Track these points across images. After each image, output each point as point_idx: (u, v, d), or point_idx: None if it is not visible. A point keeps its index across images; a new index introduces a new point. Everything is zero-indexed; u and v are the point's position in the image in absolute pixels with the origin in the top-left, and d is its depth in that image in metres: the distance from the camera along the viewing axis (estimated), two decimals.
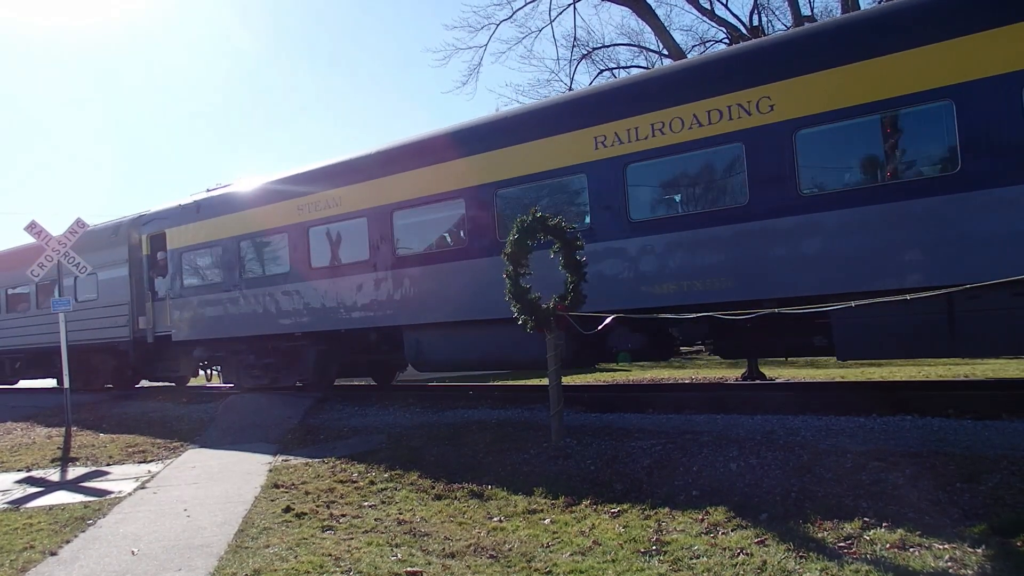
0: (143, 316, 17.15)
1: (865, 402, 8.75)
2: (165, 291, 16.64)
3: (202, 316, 15.63)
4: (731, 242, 8.93)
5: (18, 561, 5.71)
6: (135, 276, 17.31)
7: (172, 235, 16.47)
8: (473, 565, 5.17)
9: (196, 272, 16.03)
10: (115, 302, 17.62)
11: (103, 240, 18.03)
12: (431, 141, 12.47)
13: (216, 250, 15.42)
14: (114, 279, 17.75)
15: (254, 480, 8.15)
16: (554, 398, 8.20)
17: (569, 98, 12.33)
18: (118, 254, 17.66)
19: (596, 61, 29.62)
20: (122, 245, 17.64)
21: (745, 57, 9.57)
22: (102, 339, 18.00)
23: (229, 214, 15.28)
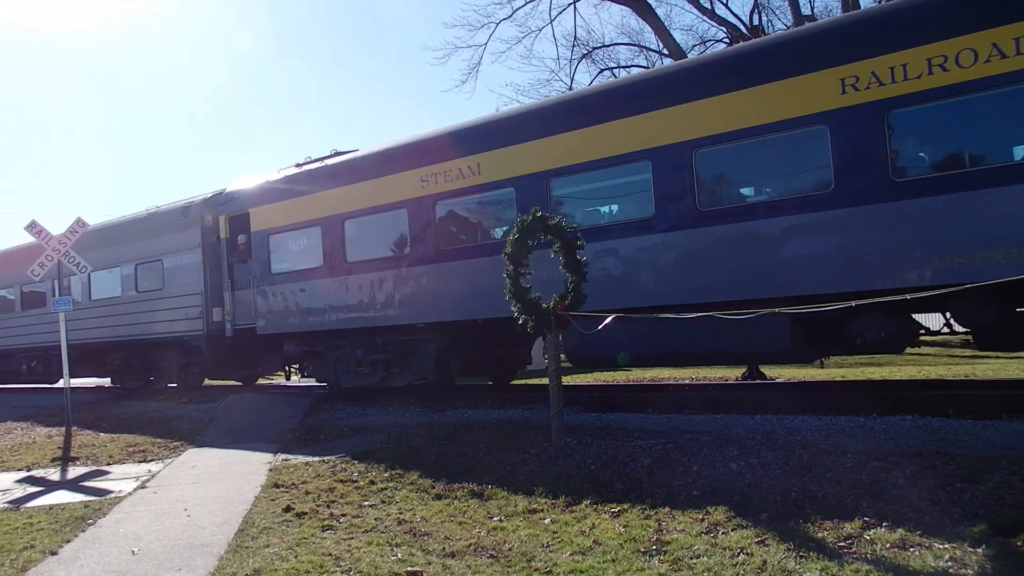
0: (218, 307, 15.49)
1: (865, 402, 8.74)
2: (248, 279, 14.96)
3: (295, 306, 13.87)
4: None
5: (18, 560, 5.71)
6: (209, 262, 15.59)
7: (257, 215, 14.71)
8: (473, 565, 5.17)
9: (288, 256, 14.20)
10: (184, 291, 15.93)
11: (170, 223, 16.47)
12: (607, 94, 10.84)
13: (314, 231, 13.62)
14: (183, 266, 16.06)
15: (254, 480, 8.15)
16: (554, 398, 8.21)
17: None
18: (188, 238, 15.93)
19: (596, 61, 29.65)
20: (193, 228, 15.87)
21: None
22: (168, 333, 16.40)
23: (331, 189, 13.48)
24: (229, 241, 15.49)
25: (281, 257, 14.37)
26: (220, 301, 15.47)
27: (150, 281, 16.95)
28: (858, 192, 8.21)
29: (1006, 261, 7.33)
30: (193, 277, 15.82)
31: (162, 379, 17.62)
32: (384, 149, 13.09)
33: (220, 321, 15.43)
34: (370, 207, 12.79)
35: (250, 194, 15.15)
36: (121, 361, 18.34)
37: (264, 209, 14.70)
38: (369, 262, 12.79)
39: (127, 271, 17.41)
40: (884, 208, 8.07)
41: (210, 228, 15.75)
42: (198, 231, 15.79)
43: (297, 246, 14.08)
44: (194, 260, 15.81)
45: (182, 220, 16.17)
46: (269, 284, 14.44)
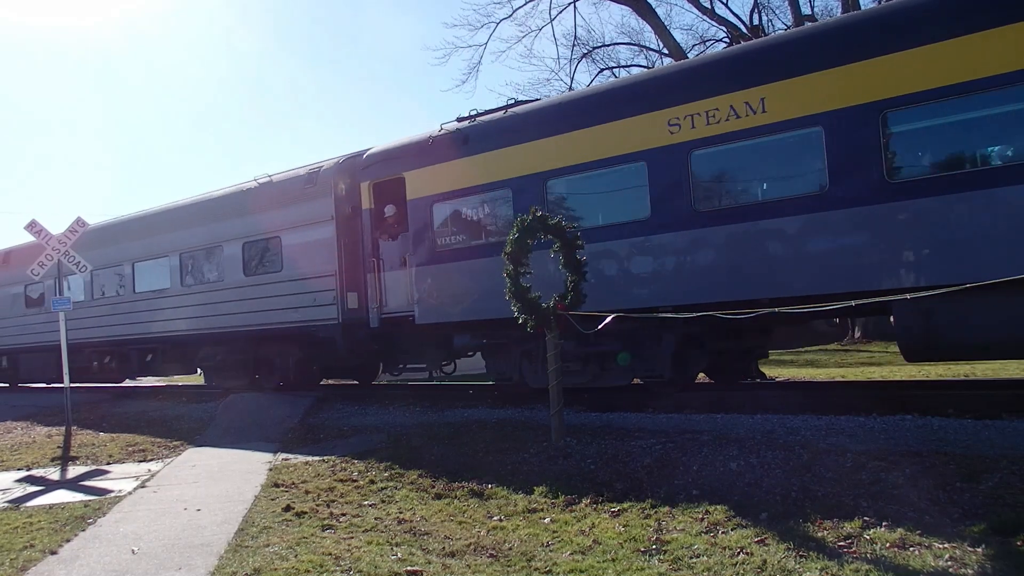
0: (353, 291, 13.05)
1: (865, 402, 8.74)
2: (401, 257, 12.50)
3: (471, 289, 11.38)
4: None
5: (18, 560, 5.71)
6: (344, 238, 13.00)
7: (416, 180, 12.16)
8: (473, 564, 5.17)
9: (461, 228, 11.77)
10: (311, 273, 13.34)
11: (290, 193, 13.93)
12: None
13: (501, 195, 11.10)
14: (309, 243, 13.45)
15: (254, 479, 8.15)
16: (554, 397, 8.21)
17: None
18: (316, 210, 13.33)
19: (596, 60, 29.65)
20: (323, 197, 13.27)
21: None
22: (287, 324, 13.78)
23: (526, 143, 10.87)
24: (374, 212, 12.82)
25: (450, 229, 11.84)
26: (356, 284, 13.00)
27: (262, 262, 14.45)
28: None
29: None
30: (323, 256, 13.15)
31: (271, 377, 14.95)
32: (608, 88, 11.03)
33: (356, 308, 12.97)
34: (586, 162, 10.26)
35: (405, 155, 12.54)
36: (222, 357, 15.70)
37: (425, 172, 12.07)
38: (585, 232, 9.64)
39: (231, 251, 14.84)
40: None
41: (344, 197, 13.12)
42: (330, 201, 13.10)
43: (474, 215, 11.62)
44: (324, 236, 13.15)
45: (307, 189, 13.55)
46: (433, 263, 11.90)
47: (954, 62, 7.68)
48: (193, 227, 15.73)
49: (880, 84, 8.11)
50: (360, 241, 13.04)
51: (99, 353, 18.85)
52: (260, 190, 14.67)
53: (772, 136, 8.87)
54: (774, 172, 9.20)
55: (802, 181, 8.86)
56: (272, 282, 14.10)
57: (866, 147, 8.20)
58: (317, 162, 14.08)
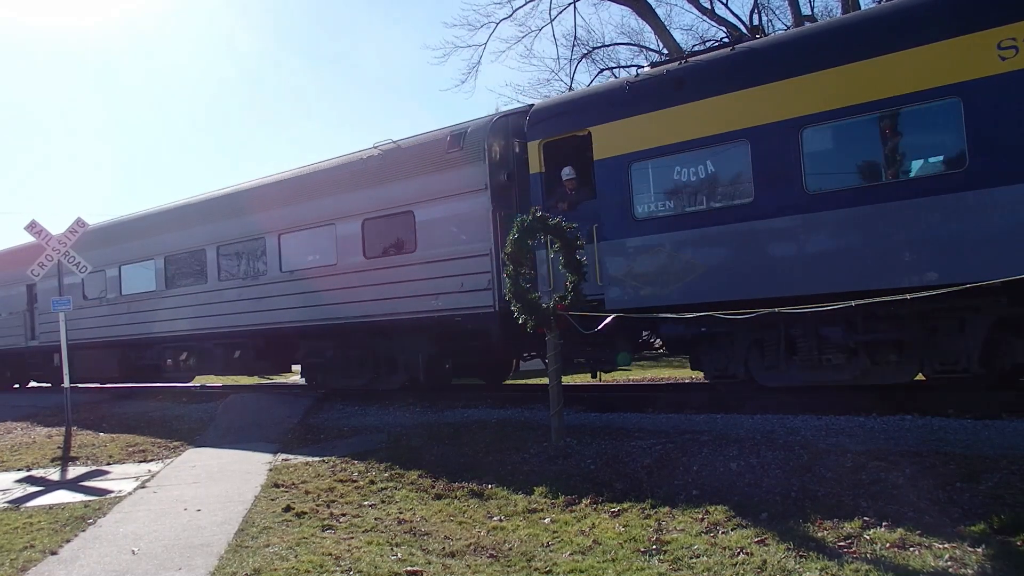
0: (501, 276, 10.86)
1: (865, 402, 8.73)
2: (584, 229, 9.90)
3: (687, 267, 9.37)
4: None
5: (18, 560, 5.71)
6: (501, 210, 11.10)
7: (605, 136, 10.06)
8: (473, 564, 5.18)
9: (671, 193, 9.70)
10: (456, 253, 11.34)
11: (427, 160, 11.93)
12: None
13: (733, 149, 9.08)
14: (453, 218, 11.46)
15: (254, 479, 8.15)
16: (554, 398, 8.21)
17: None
18: (463, 178, 11.37)
19: (596, 61, 29.63)
20: (473, 163, 11.26)
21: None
22: (422, 313, 11.80)
23: (774, 82, 8.81)
24: (545, 177, 10.74)
25: (656, 194, 9.86)
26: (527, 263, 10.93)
27: (388, 242, 12.49)
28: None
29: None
30: (473, 232, 11.20)
31: (393, 376, 13.00)
32: (890, 9, 8.60)
33: (526, 292, 10.52)
34: (864, 103, 8.23)
35: (591, 106, 10.54)
36: (332, 353, 13.71)
37: (621, 126, 10.01)
38: (863, 191, 8.19)
39: (347, 230, 12.86)
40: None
41: (499, 162, 11.18)
42: (482, 168, 11.11)
43: (692, 175, 9.62)
44: (474, 208, 11.19)
45: (451, 155, 11.60)
46: (631, 235, 9.92)
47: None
48: (295, 204, 13.73)
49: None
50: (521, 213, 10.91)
51: (175, 349, 16.87)
52: (385, 159, 12.57)
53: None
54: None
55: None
56: (401, 265, 11.99)
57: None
58: (457, 124, 12.30)
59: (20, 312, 20.74)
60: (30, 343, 20.34)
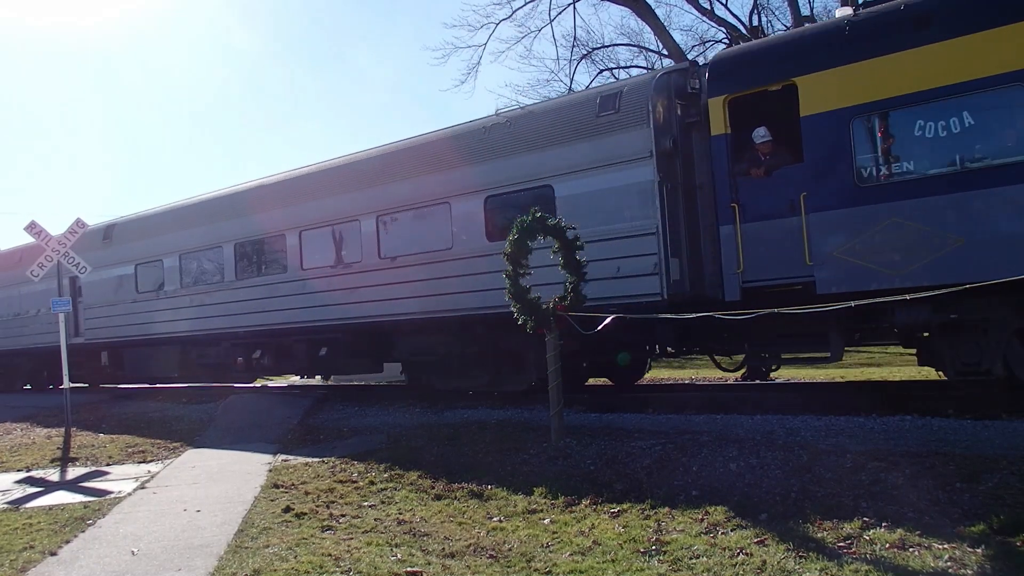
0: (675, 257, 9.67)
1: (865, 402, 8.74)
2: (785, 201, 8.84)
3: (934, 241, 7.96)
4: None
5: (18, 561, 5.71)
6: (668, 183, 9.60)
7: (817, 87, 8.69)
8: (473, 565, 5.17)
9: (914, 151, 8.21)
10: (611, 233, 9.81)
11: (571, 126, 10.45)
12: None
13: (1007, 97, 7.68)
14: (607, 193, 9.93)
15: (254, 480, 8.15)
16: (554, 398, 8.21)
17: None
18: (621, 145, 9.81)
19: (596, 61, 29.63)
20: (633, 128, 9.71)
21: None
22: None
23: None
24: (731, 140, 9.32)
25: (892, 154, 8.46)
26: (679, 247, 9.70)
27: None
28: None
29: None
30: (633, 209, 9.70)
31: (519, 376, 11.35)
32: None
33: (680, 280, 9.66)
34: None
35: (796, 52, 9.10)
36: (445, 349, 12.06)
37: (839, 74, 8.60)
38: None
39: (465, 209, 11.30)
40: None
41: (663, 127, 9.66)
42: (645, 132, 9.59)
43: (941, 129, 8.07)
44: (635, 180, 9.69)
45: (604, 119, 10.07)
46: (854, 204, 8.51)
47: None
48: (398, 182, 12.27)
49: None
50: (693, 185, 9.72)
51: (245, 346, 15.11)
52: (513, 128, 11.16)
53: None
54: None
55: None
56: (536, 248, 10.15)
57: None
58: (607, 84, 10.72)
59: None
60: (73, 340, 18.22)
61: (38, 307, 19.44)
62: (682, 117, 9.95)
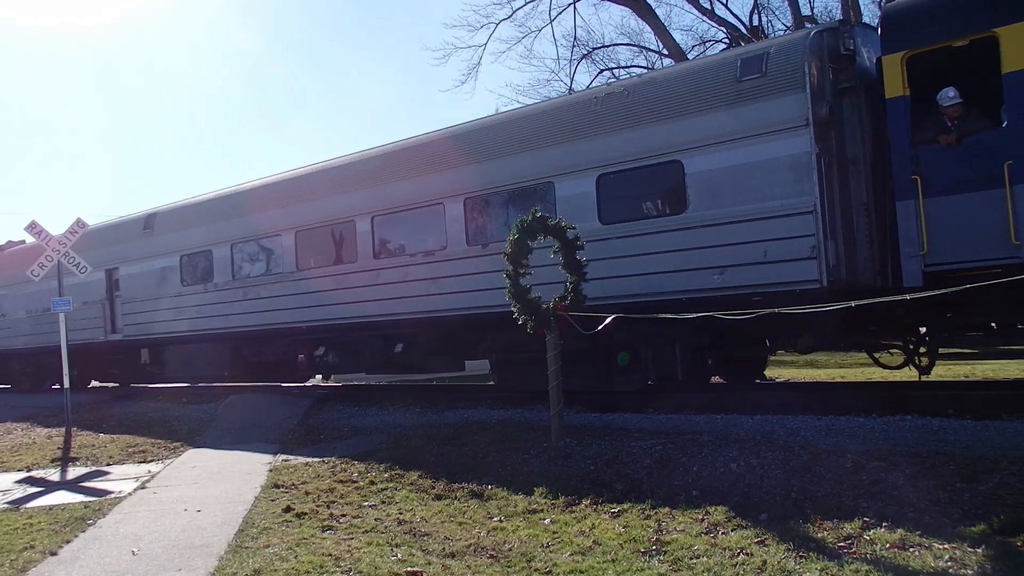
0: (831, 240, 8.60)
1: (865, 402, 8.74)
2: (979, 170, 7.87)
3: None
4: None
5: (18, 561, 5.71)
6: (825, 156, 8.59)
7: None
8: (473, 565, 5.18)
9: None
10: (757, 212, 8.84)
11: (706, 92, 9.38)
12: None
13: None
14: (751, 167, 8.92)
15: (254, 480, 8.15)
16: (554, 398, 8.21)
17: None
18: (768, 113, 8.81)
19: (596, 61, 29.63)
20: (784, 93, 8.71)
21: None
22: (701, 291, 9.20)
23: None
24: (909, 103, 8.28)
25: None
26: (835, 228, 8.67)
27: (639, 201, 10.17)
28: None
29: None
30: (783, 184, 8.71)
31: (634, 374, 10.25)
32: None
33: (836, 264, 8.62)
34: None
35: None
36: (541, 345, 9.74)
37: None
38: None
39: (573, 189, 10.33)
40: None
41: (818, 92, 8.63)
42: (800, 98, 8.59)
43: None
44: (786, 153, 8.69)
45: (746, 83, 9.05)
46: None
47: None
48: (486, 163, 11.27)
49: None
50: (845, 159, 8.75)
51: (307, 343, 14.15)
52: (634, 96, 10.03)
53: None
54: None
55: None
56: (662, 231, 9.54)
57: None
58: (746, 47, 9.51)
59: (98, 302, 17.91)
60: (110, 337, 17.79)
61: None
62: (833, 81, 8.86)
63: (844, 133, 8.85)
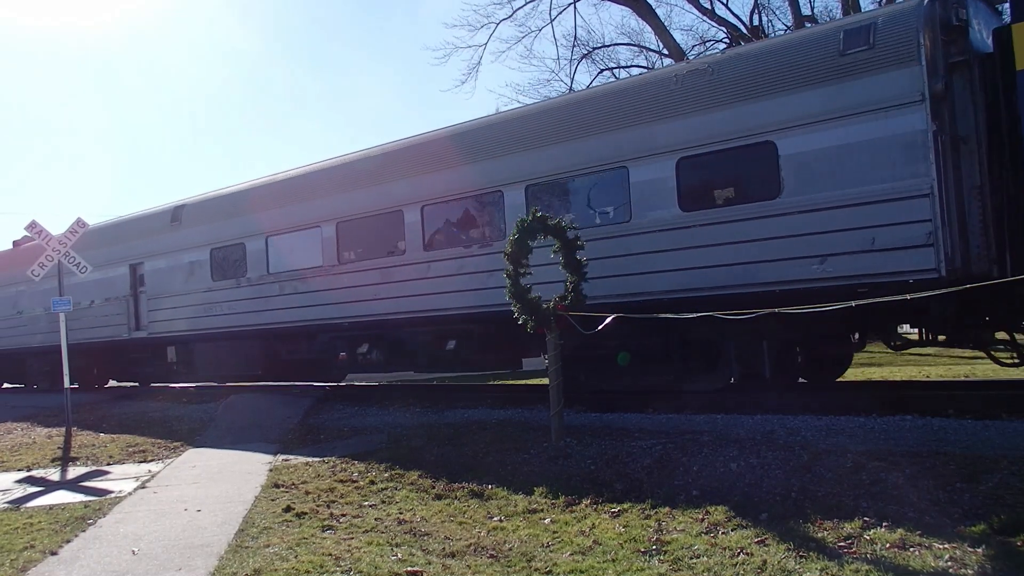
0: (949, 226, 7.98)
1: (865, 402, 8.74)
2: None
3: None
4: None
5: (18, 561, 5.71)
6: (945, 133, 8.08)
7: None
8: (473, 565, 5.17)
9: None
10: (862, 196, 8.25)
11: (799, 65, 8.79)
12: None
13: None
14: (850, 147, 8.34)
15: (254, 480, 8.15)
16: (554, 398, 8.21)
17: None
18: (874, 88, 8.20)
19: (596, 61, 29.63)
20: (895, 66, 8.11)
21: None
22: (797, 282, 8.61)
23: None
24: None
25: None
26: (951, 213, 8.03)
27: (726, 185, 9.47)
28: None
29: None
30: (893, 165, 8.09)
31: (714, 372, 9.90)
32: None
33: (952, 253, 7.97)
34: None
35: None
36: (614, 342, 9.75)
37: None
38: None
39: (648, 174, 9.72)
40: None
41: (934, 64, 8.01)
42: (913, 72, 7.95)
43: None
44: (897, 131, 8.06)
45: (851, 57, 8.40)
46: None
47: None
48: (548, 147, 10.62)
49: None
50: (957, 137, 8.15)
51: (350, 340, 13.36)
52: (719, 74, 9.44)
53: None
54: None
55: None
56: (752, 217, 8.90)
57: None
58: (849, 17, 9.13)
59: (121, 298, 17.31)
60: (134, 334, 17.18)
61: (91, 298, 17.98)
62: (946, 55, 8.28)
63: (955, 110, 8.25)
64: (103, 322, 17.51)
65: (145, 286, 16.80)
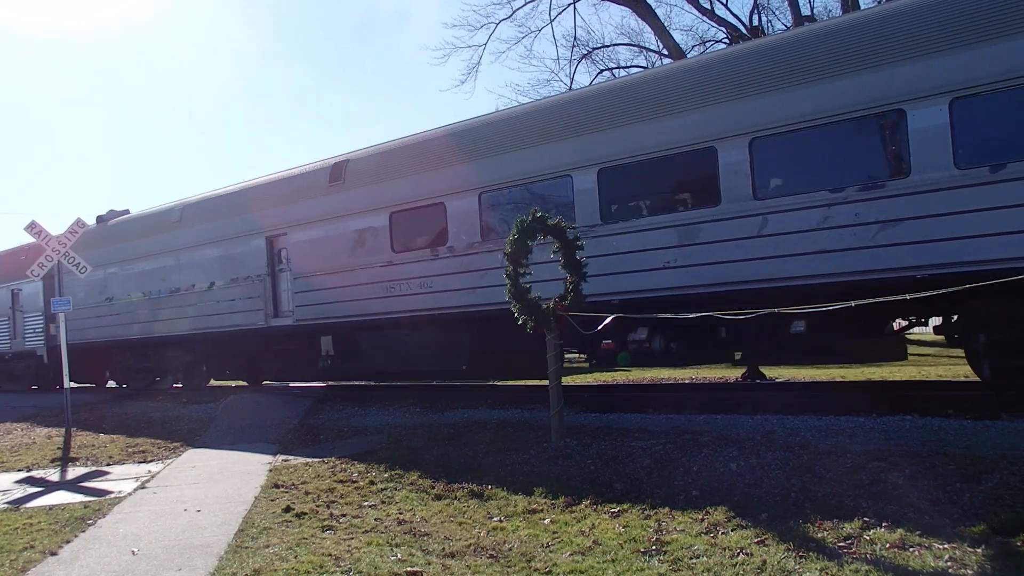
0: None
1: (865, 402, 8.75)
2: None
3: None
4: None
5: (18, 561, 5.71)
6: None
7: None
8: (473, 565, 5.17)
9: None
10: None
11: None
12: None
13: None
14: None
15: (254, 480, 8.15)
16: (554, 398, 8.21)
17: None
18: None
19: (596, 61, 29.67)
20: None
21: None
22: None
23: None
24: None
25: None
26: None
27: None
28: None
29: None
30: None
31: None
32: None
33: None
34: None
35: None
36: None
37: None
38: None
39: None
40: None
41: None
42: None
43: None
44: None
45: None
46: None
47: None
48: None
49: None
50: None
51: (655, 323, 9.88)
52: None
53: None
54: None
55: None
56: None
57: None
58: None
59: (255, 277, 14.43)
60: (273, 322, 14.30)
61: (209, 279, 15.15)
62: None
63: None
64: (230, 308, 14.56)
65: (289, 263, 13.84)
